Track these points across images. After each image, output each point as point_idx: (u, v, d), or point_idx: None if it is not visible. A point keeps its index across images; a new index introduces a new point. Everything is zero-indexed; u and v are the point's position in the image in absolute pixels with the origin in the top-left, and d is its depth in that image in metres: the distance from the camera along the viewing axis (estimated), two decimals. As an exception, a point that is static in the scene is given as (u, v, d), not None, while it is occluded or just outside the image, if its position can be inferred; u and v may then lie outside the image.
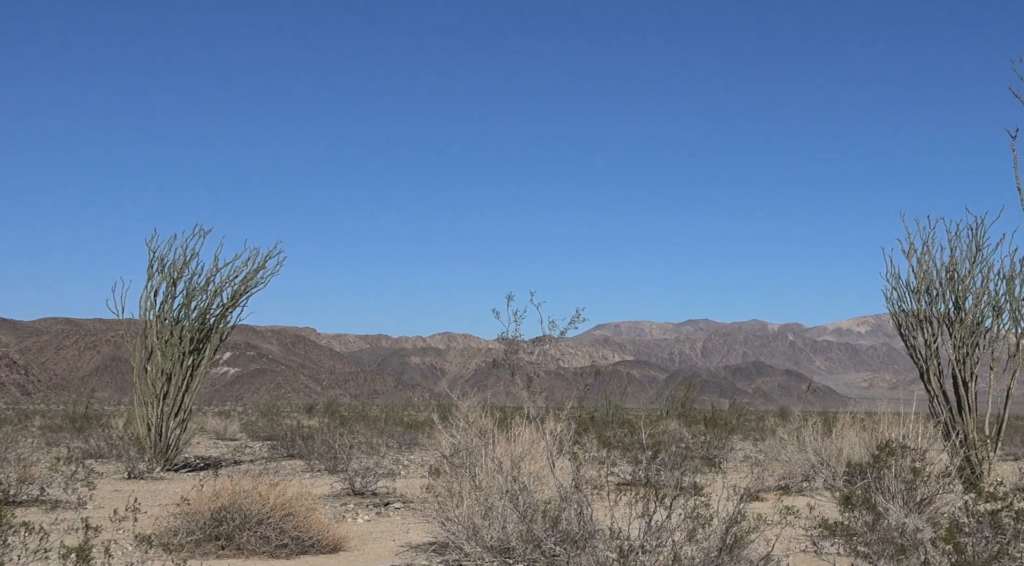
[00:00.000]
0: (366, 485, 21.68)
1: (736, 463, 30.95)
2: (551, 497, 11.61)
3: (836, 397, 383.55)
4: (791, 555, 13.98)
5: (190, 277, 27.52)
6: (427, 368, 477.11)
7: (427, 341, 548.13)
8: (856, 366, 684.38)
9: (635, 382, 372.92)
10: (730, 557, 10.49)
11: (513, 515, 12.21)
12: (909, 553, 9.93)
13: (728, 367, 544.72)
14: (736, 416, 49.23)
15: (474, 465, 13.61)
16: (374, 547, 15.15)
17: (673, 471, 11.65)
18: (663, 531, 10.17)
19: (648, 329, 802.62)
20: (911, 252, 23.89)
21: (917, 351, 23.67)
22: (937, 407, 22.94)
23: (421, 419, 51.96)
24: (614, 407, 43.07)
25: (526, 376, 12.26)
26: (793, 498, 21.03)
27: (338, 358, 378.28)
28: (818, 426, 23.51)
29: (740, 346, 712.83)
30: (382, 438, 36.54)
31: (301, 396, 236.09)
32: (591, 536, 10.38)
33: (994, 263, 23.49)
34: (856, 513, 11.65)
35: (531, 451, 14.22)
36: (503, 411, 22.66)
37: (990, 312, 23.46)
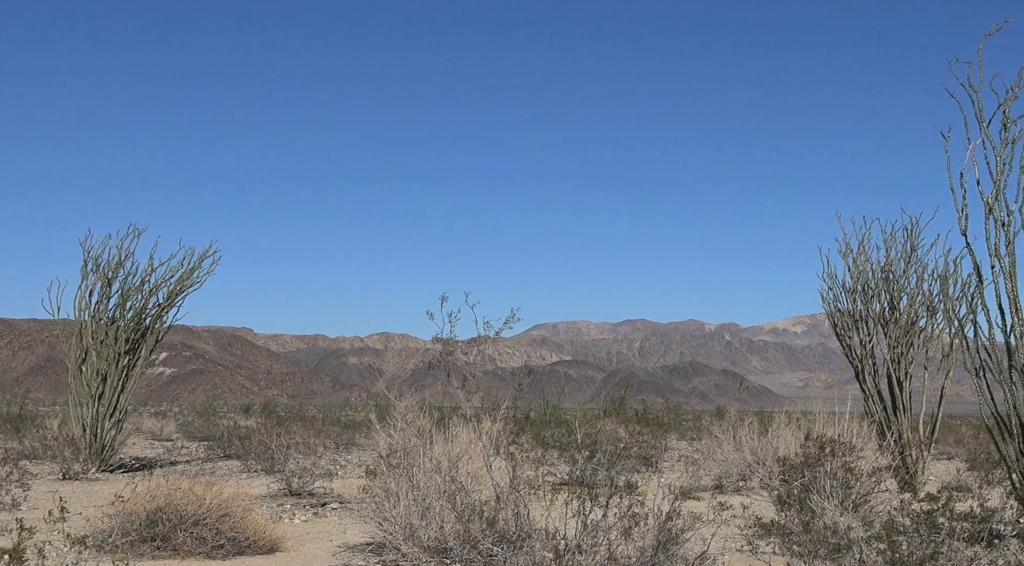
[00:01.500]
0: (303, 485, 21.64)
1: (672, 462, 31.07)
2: (488, 497, 11.63)
3: (772, 396, 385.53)
4: (727, 554, 14.05)
5: (125, 277, 27.35)
6: (365, 368, 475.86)
7: (365, 341, 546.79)
8: (792, 366, 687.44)
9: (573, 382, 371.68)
10: (666, 556, 10.55)
11: (450, 515, 12.22)
12: (844, 552, 10.01)
13: (665, 367, 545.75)
14: (672, 415, 49.40)
15: (412, 465, 13.61)
16: (311, 547, 15.12)
17: (609, 470, 11.69)
18: (599, 530, 10.20)
19: (586, 329, 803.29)
20: (847, 252, 24.05)
21: (852, 351, 23.82)
22: (872, 406, 23.09)
23: (359, 419, 51.84)
24: (551, 407, 43.03)
25: (462, 376, 12.27)
26: (729, 497, 21.16)
27: (275, 358, 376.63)
28: (754, 425, 23.62)
29: (677, 346, 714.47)
30: (319, 438, 36.45)
31: (238, 396, 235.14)
32: (528, 536, 10.40)
33: (928, 263, 23.68)
34: (791, 512, 11.73)
35: (469, 451, 14.25)
36: (441, 411, 22.67)
37: (924, 312, 23.63)
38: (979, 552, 10.26)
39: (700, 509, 14.44)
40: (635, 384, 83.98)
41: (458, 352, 12.56)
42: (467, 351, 12.79)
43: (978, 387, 16.22)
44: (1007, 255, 15.67)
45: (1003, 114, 15.86)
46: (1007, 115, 15.83)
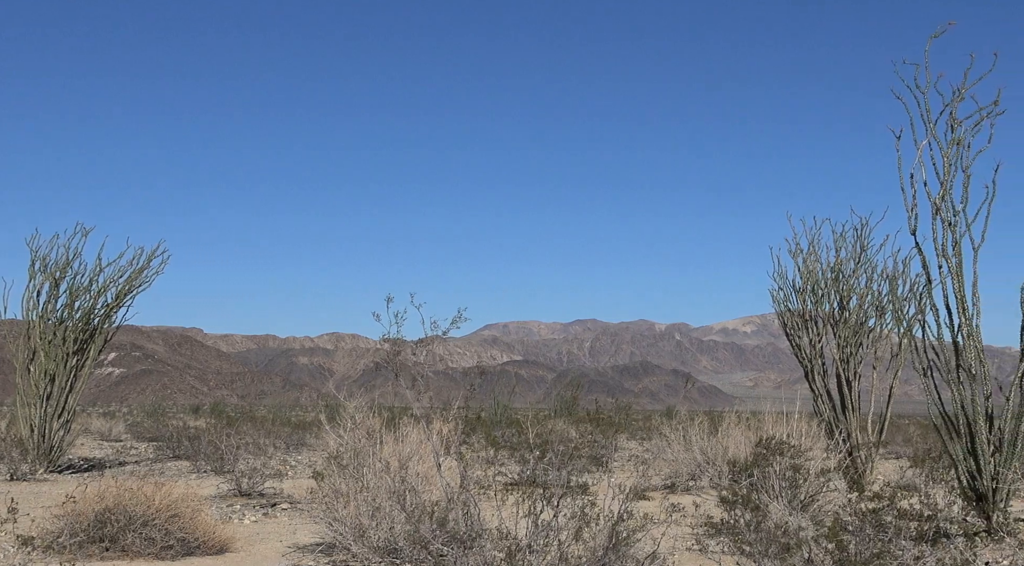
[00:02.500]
0: (253, 486, 21.58)
1: (623, 462, 31.14)
2: (439, 498, 11.63)
3: (722, 396, 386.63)
4: (677, 553, 14.08)
5: (73, 277, 27.18)
6: (315, 368, 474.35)
7: (315, 341, 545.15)
8: (742, 365, 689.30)
9: (523, 382, 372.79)
10: (616, 555, 10.56)
11: (400, 516, 12.23)
12: (793, 551, 10.05)
13: (616, 367, 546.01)
14: (622, 415, 49.43)
15: (362, 466, 13.60)
16: (261, 548, 15.09)
17: (560, 471, 11.70)
18: (550, 530, 10.22)
19: (536, 329, 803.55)
20: (797, 252, 24.13)
21: (802, 350, 23.91)
22: (821, 406, 23.18)
23: (309, 419, 51.69)
24: (502, 407, 43.04)
25: (411, 377, 12.27)
26: (679, 497, 21.23)
27: (225, 358, 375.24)
28: (704, 425, 23.70)
29: (627, 346, 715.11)
30: (269, 439, 36.27)
31: (187, 397, 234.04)
32: (478, 536, 10.40)
33: (878, 264, 23.79)
34: (740, 512, 11.77)
35: (419, 451, 14.24)
36: (391, 411, 22.65)
37: (873, 312, 23.75)
38: (925, 550, 10.33)
39: (651, 509, 14.49)
40: (586, 384, 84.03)
41: (407, 352, 12.56)
42: (416, 351, 12.79)
43: (926, 387, 16.33)
44: (954, 255, 15.79)
45: (949, 115, 15.98)
46: (953, 116, 15.95)
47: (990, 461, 15.52)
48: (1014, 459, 15.50)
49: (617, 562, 10.58)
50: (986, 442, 15.53)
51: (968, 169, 15.82)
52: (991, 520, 15.57)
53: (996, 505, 15.55)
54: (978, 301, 15.81)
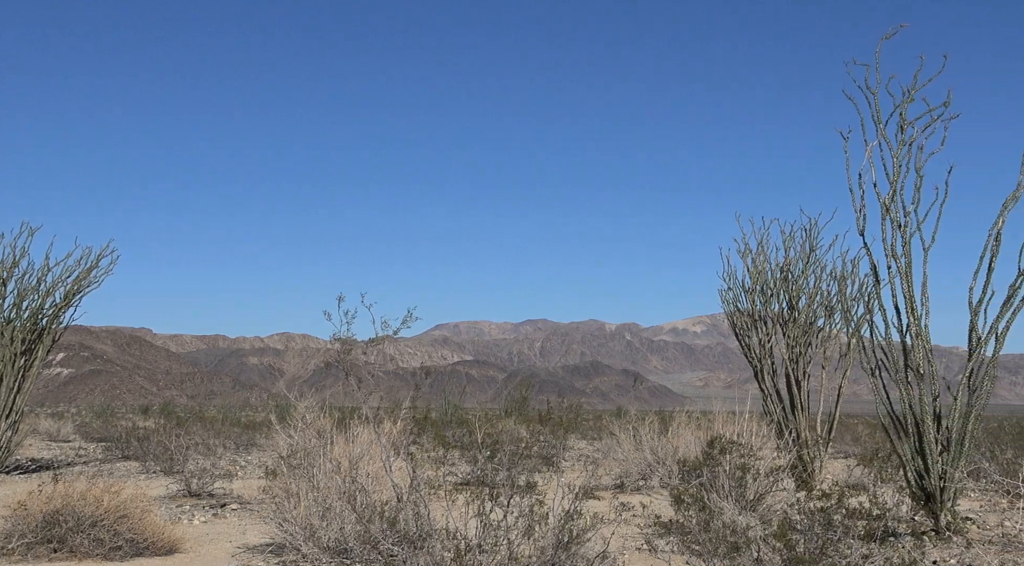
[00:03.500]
0: (203, 486, 21.50)
1: (573, 462, 31.16)
2: (389, 498, 11.62)
3: (672, 396, 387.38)
4: (627, 553, 14.10)
5: (20, 276, 27.00)
6: (265, 368, 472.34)
7: (265, 341, 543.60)
8: (692, 365, 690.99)
9: (474, 382, 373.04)
10: (566, 555, 10.57)
11: (351, 516, 12.21)
12: (742, 551, 10.08)
13: (566, 366, 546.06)
14: (572, 414, 49.53)
15: (312, 466, 13.58)
16: (210, 549, 15.03)
17: (510, 470, 11.73)
18: (499, 530, 10.22)
19: (487, 329, 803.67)
20: (746, 252, 24.20)
21: (751, 350, 23.98)
22: (770, 406, 23.25)
23: (259, 420, 51.53)
24: (452, 407, 43.09)
25: (361, 376, 12.25)
26: (629, 496, 21.25)
27: (174, 359, 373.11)
28: (654, 425, 23.75)
29: (578, 346, 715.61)
30: (219, 439, 36.18)
31: (137, 397, 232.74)
32: (428, 536, 10.40)
33: (827, 264, 23.92)
34: (689, 511, 11.80)
35: (369, 451, 14.22)
36: (342, 411, 22.61)
37: (822, 312, 23.86)
38: (874, 549, 10.38)
39: (601, 508, 14.49)
40: (536, 384, 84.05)
41: (357, 352, 12.54)
42: (367, 351, 12.78)
43: (874, 386, 16.41)
44: (903, 256, 15.87)
45: (899, 116, 16.06)
46: (903, 117, 16.04)
47: (938, 461, 15.60)
48: (961, 459, 15.59)
49: (567, 561, 10.59)
50: (934, 442, 15.62)
51: (921, 170, 15.91)
52: (939, 519, 15.66)
53: (944, 504, 15.63)
54: (927, 301, 15.91)
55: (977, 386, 15.65)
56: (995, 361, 15.69)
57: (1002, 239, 15.51)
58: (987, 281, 15.50)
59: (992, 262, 15.47)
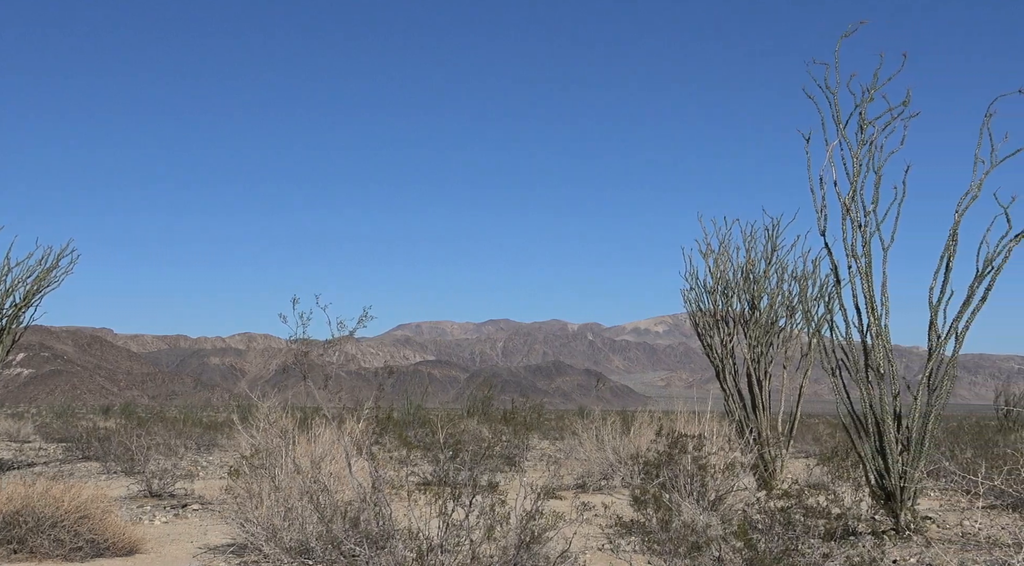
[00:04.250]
0: (164, 487, 21.45)
1: (535, 462, 31.18)
2: (351, 498, 11.61)
3: (634, 396, 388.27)
4: (589, 553, 14.11)
5: (-20, 276, 26.90)
6: (227, 368, 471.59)
7: (227, 341, 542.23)
8: (654, 365, 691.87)
9: (436, 382, 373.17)
10: (528, 555, 10.59)
11: (313, 516, 12.20)
12: (703, 550, 10.11)
13: (528, 366, 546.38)
14: (534, 414, 49.57)
15: (274, 466, 13.56)
16: (171, 549, 14.99)
17: (472, 470, 11.72)
18: (461, 530, 10.23)
19: (449, 329, 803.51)
20: (708, 252, 24.25)
21: (713, 350, 24.02)
22: (732, 405, 23.30)
23: (220, 420, 51.41)
24: (415, 407, 43.09)
25: (323, 377, 12.25)
26: (591, 496, 21.29)
27: (135, 359, 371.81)
28: (616, 425, 23.78)
29: (540, 346, 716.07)
30: (180, 439, 36.13)
31: (97, 397, 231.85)
32: (390, 536, 10.40)
33: (788, 264, 23.97)
34: (650, 511, 11.83)
35: (331, 452, 14.21)
36: (304, 411, 22.58)
37: (784, 312, 23.92)
38: (834, 548, 10.42)
39: (562, 508, 14.51)
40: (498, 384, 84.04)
41: (316, 353, 12.54)
42: (325, 352, 12.77)
43: (835, 386, 16.46)
44: (863, 256, 15.93)
45: (859, 115, 16.11)
46: (863, 116, 16.08)
47: (898, 460, 15.66)
48: (922, 458, 15.65)
49: (529, 561, 10.61)
50: (894, 441, 15.68)
51: (880, 170, 15.96)
52: (899, 518, 15.72)
53: (904, 503, 15.69)
54: (887, 301, 15.97)
55: (937, 386, 15.72)
56: (955, 361, 15.77)
57: (960, 239, 15.59)
58: (946, 281, 15.57)
59: (951, 262, 15.54)
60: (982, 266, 15.36)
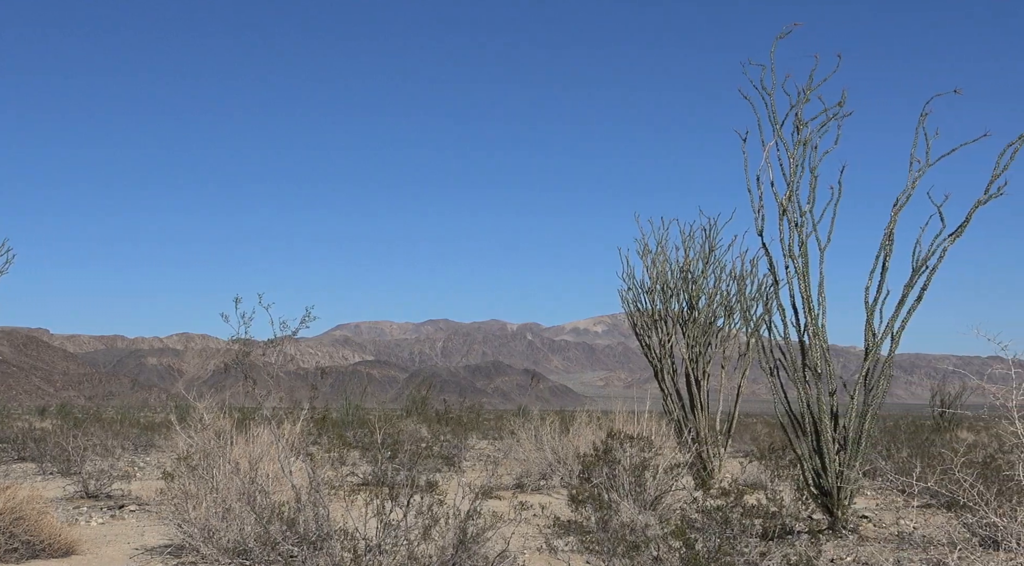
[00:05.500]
0: (100, 487, 21.31)
1: (474, 462, 31.16)
2: (289, 498, 11.57)
3: (573, 396, 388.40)
4: (527, 553, 14.11)
5: (-86, 277, 26.66)
6: (164, 369, 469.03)
7: (164, 342, 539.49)
8: (593, 365, 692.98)
9: (375, 382, 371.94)
10: (466, 554, 10.59)
11: (250, 517, 12.15)
12: (641, 550, 10.12)
13: (468, 366, 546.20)
14: (473, 414, 49.58)
15: (212, 467, 13.50)
16: (108, 550, 14.89)
17: (410, 470, 11.71)
18: (399, 530, 10.21)
19: (388, 329, 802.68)
20: (646, 252, 24.30)
21: (652, 350, 24.07)
22: (670, 405, 23.36)
23: (158, 420, 51.15)
24: (353, 407, 43.01)
25: (261, 377, 12.21)
26: (529, 496, 21.28)
27: (72, 359, 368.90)
28: (555, 425, 23.78)
29: (479, 346, 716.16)
30: (117, 440, 35.90)
31: (33, 398, 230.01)
32: (328, 537, 10.38)
33: (726, 264, 24.10)
34: (588, 510, 11.84)
35: (269, 452, 14.16)
36: (242, 412, 22.51)
37: (722, 312, 24.00)
38: (771, 547, 10.47)
39: (501, 508, 14.51)
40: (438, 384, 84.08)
41: (257, 353, 12.50)
42: (266, 352, 12.73)
43: (773, 385, 16.54)
44: (800, 256, 16.00)
45: (795, 116, 16.19)
46: (799, 117, 16.17)
47: (835, 459, 15.75)
48: (858, 457, 15.74)
49: (467, 561, 10.61)
50: (831, 440, 15.76)
51: (815, 170, 16.04)
52: (835, 517, 15.81)
53: (840, 502, 15.79)
54: (823, 301, 16.05)
55: (873, 385, 15.82)
56: (891, 360, 15.86)
57: (895, 238, 15.68)
58: (882, 280, 15.67)
59: (887, 262, 15.64)
60: (917, 266, 15.46)
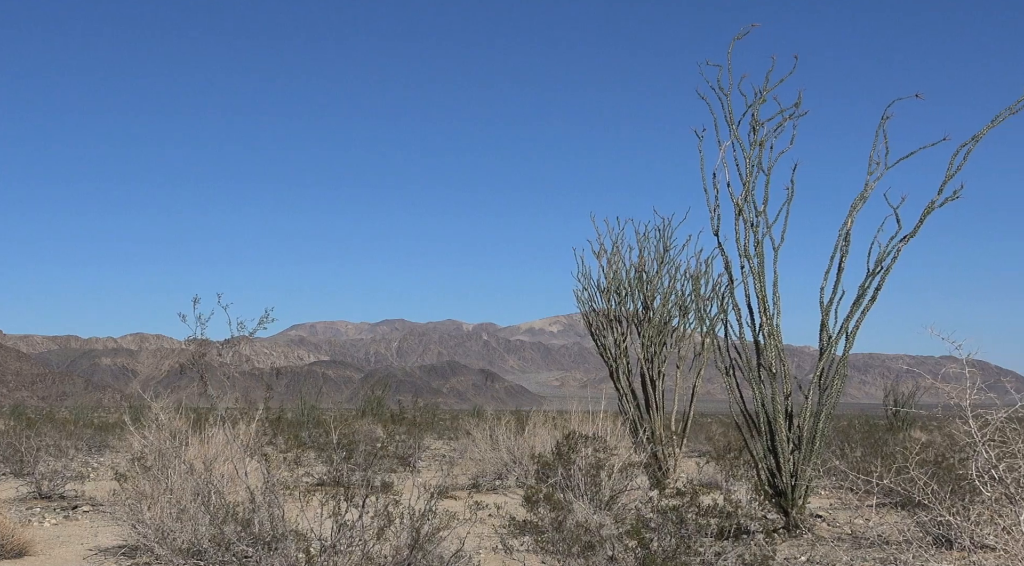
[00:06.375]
0: (54, 488, 21.23)
1: (429, 462, 31.16)
2: (243, 499, 11.54)
3: (529, 396, 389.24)
4: (483, 553, 14.11)
5: None
6: (118, 369, 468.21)
7: (118, 342, 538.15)
8: (548, 365, 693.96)
9: (331, 382, 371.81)
10: (421, 554, 10.57)
11: (205, 517, 12.11)
12: (596, 550, 10.13)
13: (423, 367, 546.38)
14: (429, 414, 49.62)
15: (166, 467, 13.45)
16: (61, 551, 14.83)
17: (366, 471, 11.71)
18: (354, 530, 10.19)
19: (344, 329, 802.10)
20: (601, 253, 24.33)
21: (607, 350, 24.11)
22: (626, 405, 23.40)
23: (112, 421, 50.96)
24: (308, 407, 42.97)
25: (216, 378, 12.18)
26: (485, 496, 21.28)
27: (25, 359, 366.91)
28: (511, 424, 23.79)
29: (435, 346, 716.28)
30: (71, 440, 35.71)
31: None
32: (283, 538, 10.35)
33: (681, 263, 24.12)
34: (543, 510, 11.84)
35: (224, 452, 14.13)
36: (197, 412, 22.44)
37: (677, 312, 24.06)
38: (726, 546, 10.49)
39: (456, 508, 14.50)
40: (393, 384, 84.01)
41: (213, 353, 12.46)
42: (222, 352, 12.69)
43: (728, 385, 16.57)
44: (755, 255, 16.04)
45: (752, 116, 16.24)
46: (755, 117, 16.21)
47: (789, 459, 15.80)
48: (813, 457, 15.79)
49: (422, 561, 10.60)
50: (786, 440, 15.81)
51: (770, 170, 16.10)
52: (790, 517, 15.86)
53: (795, 502, 15.83)
54: (778, 301, 16.11)
55: (828, 385, 15.88)
56: (845, 360, 15.93)
57: (851, 239, 15.75)
58: (837, 281, 15.73)
59: (842, 262, 15.70)
60: (872, 266, 15.52)
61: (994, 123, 15.05)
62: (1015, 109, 14.98)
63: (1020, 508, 9.00)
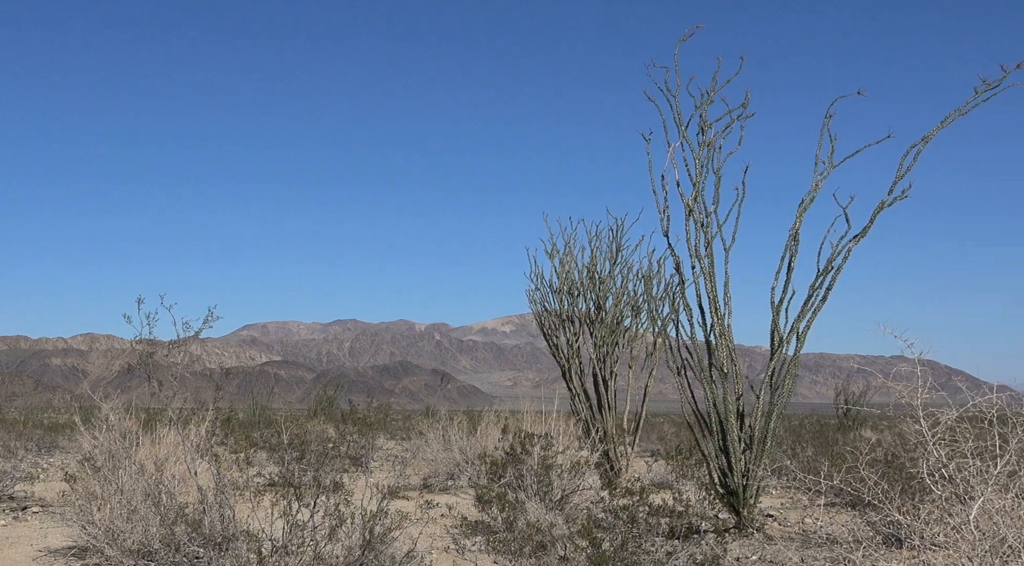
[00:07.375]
0: (2, 489, 21.11)
1: (382, 462, 31.14)
2: (194, 499, 11.51)
3: (481, 396, 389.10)
4: (435, 553, 14.11)
5: None
6: (68, 369, 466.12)
7: (68, 342, 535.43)
8: (501, 365, 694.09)
9: (282, 382, 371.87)
10: (373, 555, 10.57)
11: (155, 518, 12.07)
12: (548, 549, 10.14)
13: (376, 367, 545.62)
14: (381, 414, 49.58)
15: (117, 468, 13.39)
16: (10, 552, 14.76)
17: (317, 471, 11.67)
18: (305, 531, 10.18)
19: (296, 329, 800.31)
20: (554, 253, 24.35)
21: (559, 350, 24.14)
22: (578, 405, 23.42)
23: (62, 421, 50.75)
24: (260, 407, 42.88)
25: (166, 378, 12.13)
26: (436, 496, 21.28)
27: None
28: (463, 425, 23.80)
29: (388, 346, 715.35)
30: (20, 441, 35.54)
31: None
32: (233, 538, 10.32)
33: (633, 264, 24.18)
34: (494, 510, 11.84)
35: (175, 453, 14.07)
36: (148, 413, 22.35)
37: (629, 312, 24.09)
38: (677, 546, 10.52)
39: (408, 508, 14.51)
40: (345, 384, 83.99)
41: (161, 353, 12.41)
42: (171, 352, 12.64)
43: (680, 385, 16.63)
44: (706, 255, 16.10)
45: (700, 118, 16.29)
46: (704, 119, 16.27)
47: (741, 458, 15.86)
48: (764, 456, 15.86)
49: (374, 561, 10.59)
50: (737, 440, 15.87)
51: (719, 171, 16.16)
52: (741, 516, 15.92)
53: (746, 501, 15.90)
54: (729, 301, 16.17)
55: (779, 385, 15.94)
56: (796, 360, 16.00)
57: (800, 239, 15.82)
58: (787, 281, 15.81)
59: (792, 262, 15.77)
60: (823, 266, 15.60)
61: (944, 124, 15.16)
62: (964, 110, 15.10)
63: (970, 507, 9.06)
